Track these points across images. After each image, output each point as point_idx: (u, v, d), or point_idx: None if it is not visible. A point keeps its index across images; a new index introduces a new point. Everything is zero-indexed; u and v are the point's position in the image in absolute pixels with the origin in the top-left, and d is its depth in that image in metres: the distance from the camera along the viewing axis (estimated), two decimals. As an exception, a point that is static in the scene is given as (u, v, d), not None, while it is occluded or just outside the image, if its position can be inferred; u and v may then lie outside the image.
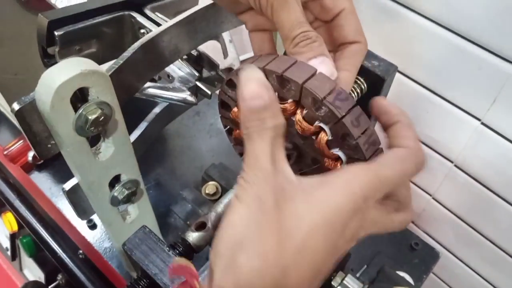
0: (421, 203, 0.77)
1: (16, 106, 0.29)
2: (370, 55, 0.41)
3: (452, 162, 0.66)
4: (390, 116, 0.33)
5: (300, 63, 0.34)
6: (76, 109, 0.31)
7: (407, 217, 0.33)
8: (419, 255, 0.58)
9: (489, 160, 0.62)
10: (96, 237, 0.61)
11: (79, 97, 0.32)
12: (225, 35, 0.48)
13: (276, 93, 0.35)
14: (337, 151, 0.34)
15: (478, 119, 0.59)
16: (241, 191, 0.27)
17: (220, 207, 0.34)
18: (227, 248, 0.26)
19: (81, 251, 0.64)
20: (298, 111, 0.34)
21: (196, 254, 0.33)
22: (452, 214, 0.73)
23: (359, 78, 0.42)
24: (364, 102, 0.34)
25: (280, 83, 0.34)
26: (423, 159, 0.31)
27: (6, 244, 0.83)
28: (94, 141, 0.37)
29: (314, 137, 0.34)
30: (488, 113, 0.57)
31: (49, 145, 0.33)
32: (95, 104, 0.32)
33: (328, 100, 0.31)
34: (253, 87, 0.28)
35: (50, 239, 0.60)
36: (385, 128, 0.33)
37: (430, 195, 0.74)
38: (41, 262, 0.75)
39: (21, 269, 0.85)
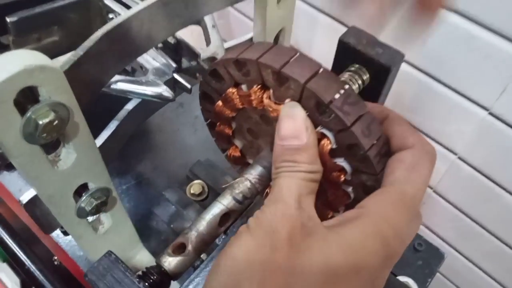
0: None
1: None
2: (374, 42, 0.36)
3: (456, 154, 0.62)
4: (375, 115, 0.28)
5: (302, 56, 0.28)
6: (24, 112, 0.26)
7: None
8: (422, 256, 0.54)
9: (495, 152, 0.58)
10: (72, 243, 0.56)
11: (29, 97, 0.27)
12: (208, 19, 0.42)
13: (272, 91, 0.29)
14: (341, 162, 0.29)
15: (486, 109, 0.54)
16: (254, 221, 0.24)
17: (202, 224, 0.29)
18: (222, 286, 0.22)
19: (55, 258, 0.59)
20: None
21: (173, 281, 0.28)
22: (454, 207, 0.69)
23: (361, 67, 0.37)
24: (366, 94, 0.29)
25: (277, 80, 0.28)
26: (434, 150, 0.27)
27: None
28: (53, 145, 0.31)
29: None
30: (497, 102, 0.52)
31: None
32: (47, 105, 0.26)
33: (335, 105, 0.26)
34: (292, 125, 0.26)
35: (18, 248, 0.54)
36: None
37: (431, 188, 0.70)
38: (15, 267, 0.70)
39: (-5, 273, 0.80)
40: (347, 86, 0.27)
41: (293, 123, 0.26)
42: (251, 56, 0.28)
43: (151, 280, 0.26)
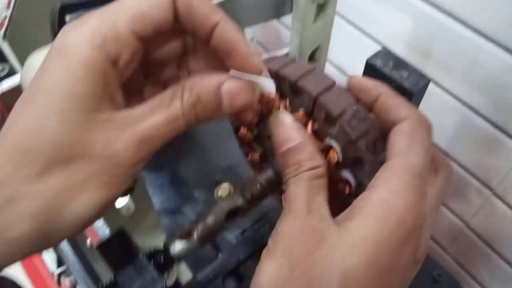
0: (454, 231, 0.71)
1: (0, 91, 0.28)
2: (401, 65, 0.37)
3: (491, 190, 0.60)
4: (369, 91, 0.28)
5: (318, 72, 0.30)
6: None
7: (448, 168, 0.29)
8: (441, 288, 0.53)
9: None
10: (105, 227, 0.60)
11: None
12: (247, 32, 0.45)
13: (288, 101, 0.31)
14: (347, 174, 0.30)
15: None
16: (272, 243, 0.25)
17: (210, 218, 0.31)
18: None
19: (89, 240, 0.63)
20: (309, 124, 0.31)
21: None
22: (486, 245, 0.66)
23: (384, 89, 0.38)
24: None
25: (293, 92, 0.30)
26: (427, 119, 0.27)
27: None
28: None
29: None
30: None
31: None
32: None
33: (344, 119, 0.28)
34: (282, 130, 0.27)
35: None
36: (370, 107, 0.28)
37: (465, 223, 0.68)
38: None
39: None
40: (357, 103, 0.28)
41: (283, 128, 0.27)
42: (272, 67, 0.31)
43: (156, 259, 0.29)
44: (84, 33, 0.22)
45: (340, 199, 0.32)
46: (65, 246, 0.61)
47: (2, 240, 0.22)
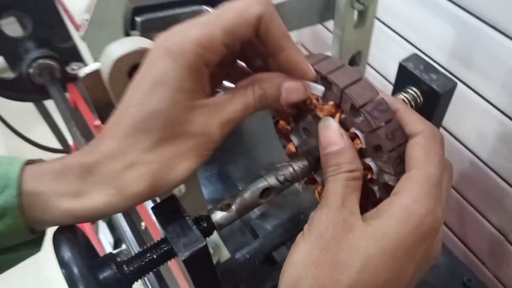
0: (493, 244, 0.70)
1: (82, 73, 0.34)
2: (431, 68, 0.40)
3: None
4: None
5: (348, 67, 0.34)
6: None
7: (450, 169, 0.33)
8: (471, 292, 0.54)
9: None
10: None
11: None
12: (293, 35, 0.49)
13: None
14: (369, 161, 0.33)
15: None
16: (307, 227, 0.30)
17: (247, 193, 0.36)
18: (287, 287, 0.28)
19: (143, 223, 0.70)
20: (337, 115, 0.34)
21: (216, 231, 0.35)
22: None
23: (415, 90, 0.41)
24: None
25: (324, 85, 0.34)
26: (439, 132, 0.32)
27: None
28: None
29: None
30: None
31: (110, 112, 0.38)
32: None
33: (366, 109, 0.31)
34: (329, 135, 0.32)
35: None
36: None
37: (505, 236, 0.68)
38: (112, 228, 0.83)
39: (97, 232, 0.95)
40: (380, 95, 0.32)
41: (329, 132, 0.32)
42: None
43: (200, 225, 0.34)
44: (189, 41, 0.28)
45: (363, 186, 0.36)
46: (125, 226, 0.69)
47: (122, 195, 0.29)
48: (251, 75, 0.33)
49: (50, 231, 0.31)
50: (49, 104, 1.16)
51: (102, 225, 0.85)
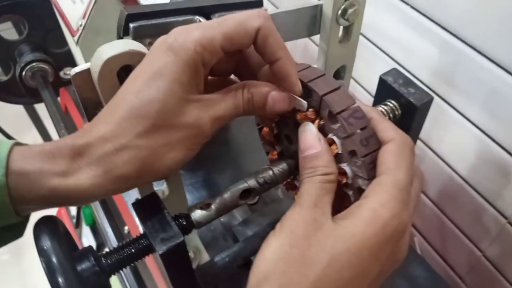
0: (471, 260, 0.72)
1: (73, 72, 0.35)
2: (409, 83, 0.42)
3: (506, 218, 0.62)
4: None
5: (328, 77, 0.36)
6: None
7: (421, 176, 0.35)
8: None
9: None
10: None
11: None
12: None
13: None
14: (345, 166, 0.35)
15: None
16: (279, 225, 0.31)
17: (227, 194, 0.37)
18: (257, 281, 0.29)
19: (126, 227, 0.70)
20: (317, 121, 0.36)
21: (194, 229, 0.36)
22: (502, 277, 0.67)
23: (394, 103, 0.43)
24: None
25: (305, 92, 0.36)
26: (411, 140, 0.33)
27: (74, 212, 0.94)
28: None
29: None
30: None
31: (97, 111, 0.39)
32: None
33: (342, 116, 0.33)
34: (308, 139, 0.34)
35: (103, 216, 0.67)
36: None
37: (482, 252, 0.69)
38: (95, 232, 0.83)
39: (80, 237, 0.95)
40: (356, 104, 0.33)
41: (308, 136, 0.34)
42: None
43: (179, 221, 0.35)
44: (190, 40, 0.31)
45: (339, 191, 0.37)
46: (108, 230, 0.69)
47: (109, 176, 0.30)
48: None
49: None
50: (40, 110, 1.17)
51: (86, 229, 0.86)
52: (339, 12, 0.45)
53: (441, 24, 0.59)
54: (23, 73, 0.88)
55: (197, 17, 0.52)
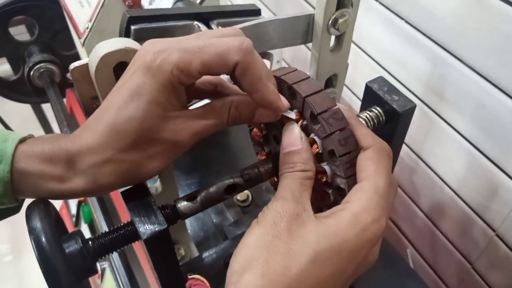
0: (461, 272, 0.72)
1: (72, 66, 0.37)
2: (393, 90, 0.44)
3: (494, 231, 0.63)
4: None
5: (311, 80, 0.38)
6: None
7: (396, 184, 0.36)
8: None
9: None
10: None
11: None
12: (275, 54, 0.53)
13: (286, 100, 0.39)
14: (325, 165, 0.36)
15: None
16: (262, 215, 0.33)
17: (213, 188, 0.39)
18: (239, 266, 0.30)
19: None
20: (300, 121, 0.38)
21: (179, 220, 0.37)
22: (490, 289, 0.67)
23: (379, 109, 0.44)
24: (381, 136, 0.36)
25: (290, 94, 0.38)
26: (388, 146, 0.35)
27: (74, 211, 0.96)
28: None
29: None
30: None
31: (94, 106, 0.41)
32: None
33: (323, 116, 0.35)
34: (290, 136, 0.36)
35: (101, 214, 0.69)
36: None
37: (471, 264, 0.70)
38: (93, 231, 0.85)
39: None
40: (337, 106, 0.35)
41: (291, 134, 0.36)
42: (277, 74, 0.38)
43: (164, 211, 0.36)
44: (168, 63, 0.32)
45: (319, 189, 0.38)
46: (105, 227, 0.71)
47: (97, 185, 0.34)
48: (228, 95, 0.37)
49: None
50: (48, 112, 1.19)
51: (84, 227, 0.87)
52: (330, 21, 0.47)
53: (432, 38, 0.61)
54: (31, 72, 0.91)
55: (196, 22, 0.55)
